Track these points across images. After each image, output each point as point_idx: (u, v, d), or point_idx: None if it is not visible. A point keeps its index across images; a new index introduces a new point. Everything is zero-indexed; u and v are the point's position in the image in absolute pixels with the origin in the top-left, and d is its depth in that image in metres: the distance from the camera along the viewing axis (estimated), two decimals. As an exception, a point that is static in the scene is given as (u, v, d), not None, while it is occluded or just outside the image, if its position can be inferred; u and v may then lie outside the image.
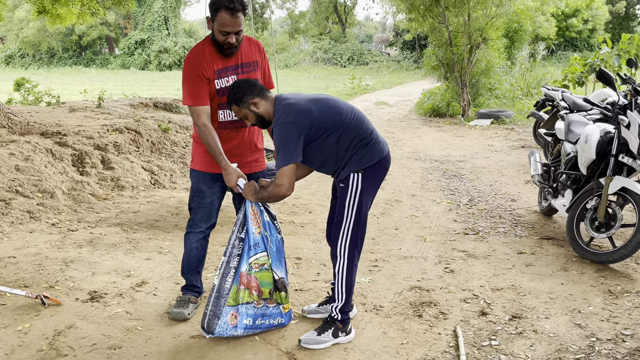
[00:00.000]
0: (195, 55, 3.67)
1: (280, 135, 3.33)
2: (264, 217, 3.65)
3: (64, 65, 51.56)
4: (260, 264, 3.59)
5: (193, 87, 3.64)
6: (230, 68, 3.73)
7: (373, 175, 3.53)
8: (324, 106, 3.46)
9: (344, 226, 3.51)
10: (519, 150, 10.31)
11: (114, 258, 5.00)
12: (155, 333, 3.70)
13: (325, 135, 3.40)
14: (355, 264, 3.58)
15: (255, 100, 3.45)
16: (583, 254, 4.94)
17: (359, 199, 3.48)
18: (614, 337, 3.62)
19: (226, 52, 3.67)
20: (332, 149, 3.43)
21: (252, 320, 3.59)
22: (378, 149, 3.53)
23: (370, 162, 3.49)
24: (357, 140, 3.46)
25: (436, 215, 6.41)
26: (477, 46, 14.58)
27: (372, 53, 48.91)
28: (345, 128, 3.43)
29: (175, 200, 6.92)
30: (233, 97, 3.49)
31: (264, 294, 3.62)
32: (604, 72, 5.08)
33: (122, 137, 8.35)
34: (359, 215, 3.50)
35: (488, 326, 3.80)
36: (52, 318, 3.84)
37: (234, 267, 3.54)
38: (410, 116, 16.18)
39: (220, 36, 3.58)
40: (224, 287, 3.52)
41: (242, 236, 3.57)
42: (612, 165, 4.86)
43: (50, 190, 6.37)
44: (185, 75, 3.67)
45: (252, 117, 3.51)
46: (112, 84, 27.57)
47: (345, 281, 3.56)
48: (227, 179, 3.62)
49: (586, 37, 39.88)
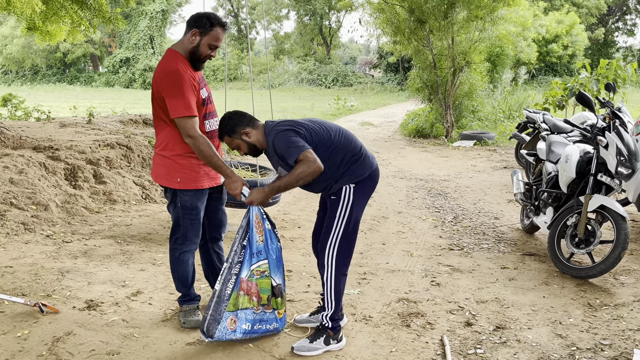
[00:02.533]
0: (180, 66, 3.64)
1: (282, 141, 3.46)
2: (266, 225, 3.76)
3: (47, 82, 51.46)
4: (261, 271, 3.70)
5: (188, 98, 3.60)
6: (201, 79, 3.85)
7: (364, 187, 3.68)
8: (314, 123, 3.64)
9: (332, 236, 3.64)
10: (502, 171, 10.54)
11: (109, 269, 5.09)
12: (151, 340, 3.79)
13: (316, 153, 3.49)
14: (343, 273, 3.71)
15: (246, 130, 3.59)
16: (564, 269, 5.11)
17: (349, 211, 3.63)
18: (594, 347, 3.78)
19: (200, 66, 3.77)
20: (324, 167, 3.52)
21: (251, 325, 3.70)
22: (368, 163, 3.69)
23: (362, 176, 3.64)
24: (347, 157, 3.61)
25: (422, 232, 6.58)
26: (461, 69, 14.88)
27: (357, 75, 49.33)
28: (335, 147, 3.59)
29: (166, 215, 7.02)
30: (225, 129, 3.63)
31: (262, 300, 3.73)
32: (583, 95, 5.28)
33: (113, 153, 8.45)
34: (347, 226, 3.64)
35: (473, 336, 3.95)
36: (50, 325, 3.92)
37: (235, 273, 3.63)
38: (394, 137, 16.42)
39: (207, 50, 3.70)
40: (224, 293, 3.62)
41: (244, 243, 3.66)
42: (591, 183, 5.05)
43: (44, 202, 6.46)
44: (175, 86, 3.60)
45: (244, 147, 3.64)
46: (97, 101, 27.57)
47: (333, 289, 3.69)
48: (232, 187, 3.64)
49: (566, 62, 40.53)
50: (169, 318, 4.13)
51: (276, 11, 56.96)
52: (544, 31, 36.91)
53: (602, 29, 47.22)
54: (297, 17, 56.38)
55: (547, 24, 37.17)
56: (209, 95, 3.91)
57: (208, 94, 3.89)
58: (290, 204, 7.70)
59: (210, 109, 3.89)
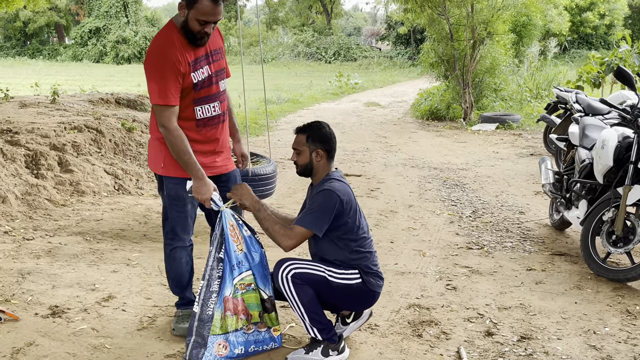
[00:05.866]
0: (166, 46, 3.67)
1: (324, 200, 3.66)
2: (244, 231, 3.78)
3: (5, 55, 51.31)
4: (246, 284, 3.71)
5: (165, 84, 3.63)
6: (202, 58, 3.81)
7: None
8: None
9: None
10: (528, 158, 10.54)
11: (76, 270, 5.10)
12: (125, 352, 3.81)
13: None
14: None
15: (322, 153, 3.78)
16: (599, 270, 5.12)
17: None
18: (632, 360, 3.80)
19: (199, 42, 3.74)
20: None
21: (244, 349, 3.73)
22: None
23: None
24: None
25: (436, 228, 6.59)
26: (481, 41, 14.82)
27: (361, 48, 49.21)
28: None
29: (142, 208, 7.03)
30: (312, 131, 3.79)
31: (254, 317, 3.75)
32: (623, 71, 5.27)
33: (81, 137, 8.45)
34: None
35: (495, 347, 3.96)
36: (9, 334, 3.94)
37: (215, 291, 3.66)
38: (405, 119, 16.41)
39: (196, 25, 3.65)
40: (205, 314, 3.64)
41: (221, 256, 3.69)
42: (631, 173, 5.03)
43: (1, 194, 6.46)
44: (155, 68, 3.65)
45: (304, 159, 3.81)
46: (63, 77, 27.53)
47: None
48: (202, 191, 3.72)
49: (603, 33, 40.47)
50: (145, 326, 4.14)
51: (269, -27, 56.86)
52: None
53: (645, -5, 47.10)
54: (293, -19, 56.29)
55: (581, -11, 37.14)
56: (212, 75, 3.87)
57: (210, 74, 3.85)
58: (285, 196, 7.71)
59: (207, 92, 3.86)
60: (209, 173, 3.89)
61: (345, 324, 3.98)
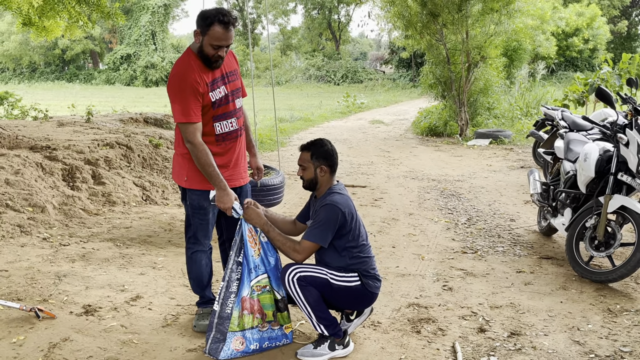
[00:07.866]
0: (185, 70, 3.77)
1: (327, 214, 3.70)
2: (261, 237, 3.83)
3: (45, 80, 51.68)
4: (262, 286, 3.76)
5: (186, 104, 3.71)
6: (219, 79, 3.88)
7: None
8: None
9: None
10: (518, 171, 10.52)
11: (108, 273, 5.13)
12: (151, 346, 3.82)
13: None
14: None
15: (326, 169, 3.81)
16: (582, 273, 5.10)
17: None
18: (613, 354, 3.77)
19: (214, 65, 3.81)
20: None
21: (259, 345, 3.76)
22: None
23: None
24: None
25: (434, 234, 6.58)
26: (476, 64, 14.83)
27: (367, 71, 49.30)
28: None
29: (167, 217, 7.06)
30: (315, 148, 3.83)
31: (268, 316, 3.78)
32: (603, 91, 5.27)
33: (112, 152, 8.49)
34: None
35: (487, 342, 3.95)
36: (46, 331, 3.96)
37: (234, 291, 3.70)
38: (406, 135, 16.41)
39: (211, 50, 3.74)
40: (224, 312, 3.69)
41: (240, 260, 3.74)
42: (611, 183, 5.03)
43: (40, 204, 6.50)
44: (176, 90, 3.74)
45: (309, 175, 3.85)
46: (97, 99, 27.67)
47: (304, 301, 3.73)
48: (224, 200, 3.78)
49: (587, 56, 40.38)
50: (169, 323, 4.16)
51: (283, 5, 57.09)
52: (564, 24, 36.85)
53: (625, 22, 47.03)
54: (304, 11, 56.48)
55: (566, 17, 37.11)
56: (228, 94, 3.92)
57: (226, 93, 3.91)
58: (296, 205, 7.72)
59: (225, 109, 3.91)
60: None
61: (349, 321, 3.98)
